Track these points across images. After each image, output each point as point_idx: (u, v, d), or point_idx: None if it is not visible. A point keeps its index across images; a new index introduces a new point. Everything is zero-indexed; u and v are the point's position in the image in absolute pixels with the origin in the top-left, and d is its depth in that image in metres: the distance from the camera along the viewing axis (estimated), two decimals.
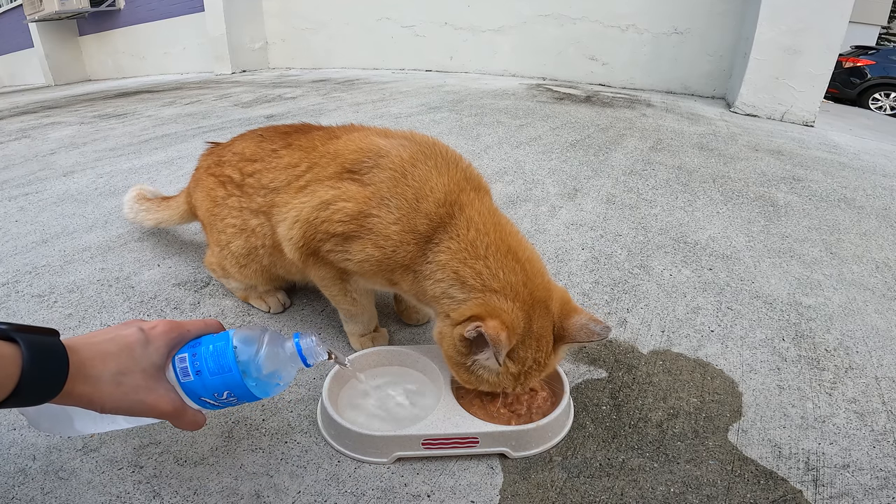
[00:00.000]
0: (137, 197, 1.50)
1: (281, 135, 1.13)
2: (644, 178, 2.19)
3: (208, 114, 3.50)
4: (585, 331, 0.81)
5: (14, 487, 0.79)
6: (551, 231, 1.68)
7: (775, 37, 3.63)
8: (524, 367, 0.82)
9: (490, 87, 4.44)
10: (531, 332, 0.81)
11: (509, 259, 0.83)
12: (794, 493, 0.80)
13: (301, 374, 1.05)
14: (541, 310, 0.82)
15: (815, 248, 1.63)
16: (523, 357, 0.81)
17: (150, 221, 1.46)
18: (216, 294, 1.32)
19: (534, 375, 0.83)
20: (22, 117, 3.83)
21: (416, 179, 0.88)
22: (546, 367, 0.84)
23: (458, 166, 0.94)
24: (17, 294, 1.31)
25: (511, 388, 0.85)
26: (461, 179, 0.91)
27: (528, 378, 0.83)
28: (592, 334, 0.81)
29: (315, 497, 0.79)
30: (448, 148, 0.98)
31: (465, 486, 0.81)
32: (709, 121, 3.47)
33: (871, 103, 8.59)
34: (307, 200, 0.94)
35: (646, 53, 4.83)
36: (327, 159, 0.98)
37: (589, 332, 0.81)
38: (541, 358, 0.82)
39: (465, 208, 0.87)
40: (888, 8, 10.81)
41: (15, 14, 9.57)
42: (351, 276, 0.99)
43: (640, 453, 0.87)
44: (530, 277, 0.82)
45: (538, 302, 0.82)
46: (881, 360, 1.12)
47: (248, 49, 6.62)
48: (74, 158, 2.48)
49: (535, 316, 0.81)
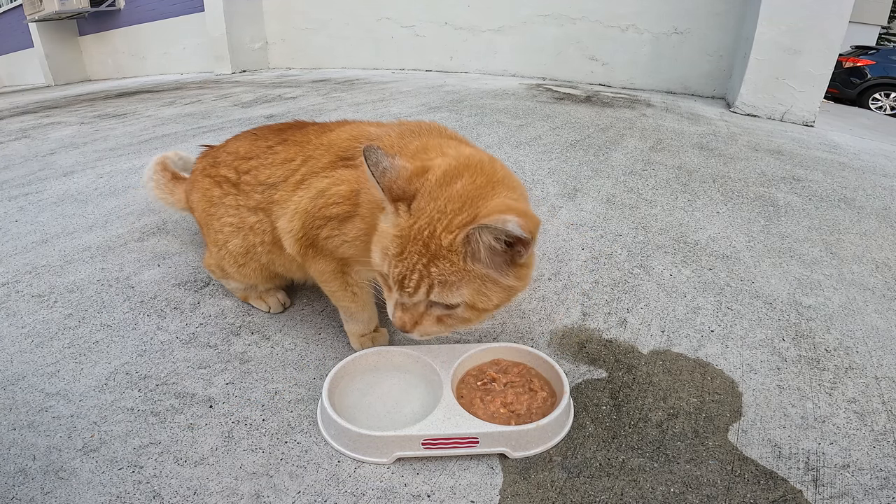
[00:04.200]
0: (160, 164, 1.48)
1: (275, 132, 1.14)
2: (644, 178, 2.18)
3: (208, 114, 3.50)
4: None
5: (14, 487, 0.79)
6: (551, 231, 1.68)
7: (775, 37, 3.62)
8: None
9: (490, 87, 4.44)
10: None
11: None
12: (794, 493, 0.80)
13: (301, 373, 1.05)
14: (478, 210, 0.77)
15: (815, 248, 1.63)
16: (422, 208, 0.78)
17: (156, 195, 1.44)
18: (216, 294, 1.32)
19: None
20: (22, 117, 3.83)
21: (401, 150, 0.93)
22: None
23: (437, 131, 1.01)
24: (17, 294, 1.31)
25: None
26: (436, 136, 0.97)
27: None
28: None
29: (315, 497, 0.79)
30: (434, 122, 1.04)
31: (465, 486, 0.81)
32: (709, 121, 3.47)
33: (871, 103, 8.58)
34: (305, 193, 0.98)
35: (646, 53, 4.82)
36: (321, 150, 1.01)
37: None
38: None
39: (436, 160, 0.85)
40: (888, 8, 10.80)
41: (15, 14, 9.57)
42: (351, 269, 1.00)
43: (640, 453, 0.87)
44: (481, 187, 0.79)
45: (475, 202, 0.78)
46: (881, 360, 1.12)
47: (248, 49, 6.62)
48: (74, 158, 2.48)
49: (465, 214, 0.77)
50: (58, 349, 1.11)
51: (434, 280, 0.77)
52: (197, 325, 1.20)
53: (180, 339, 1.15)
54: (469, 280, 0.77)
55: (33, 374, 1.03)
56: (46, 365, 1.06)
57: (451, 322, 0.83)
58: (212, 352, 1.11)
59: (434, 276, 0.76)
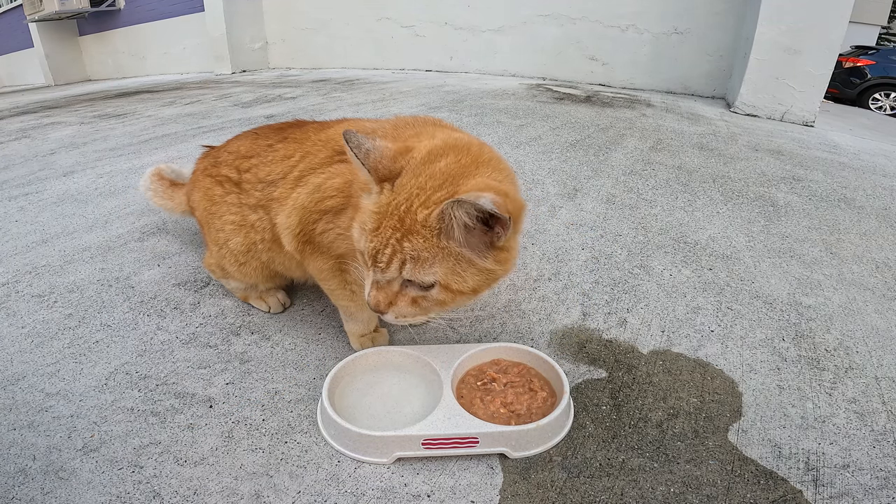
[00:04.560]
0: (155, 174, 1.50)
1: (276, 130, 1.16)
2: (644, 178, 2.18)
3: (208, 114, 3.50)
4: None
5: (14, 487, 0.79)
6: (551, 231, 1.68)
7: (775, 37, 3.62)
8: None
9: (490, 87, 4.44)
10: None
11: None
12: (794, 493, 0.80)
13: (301, 373, 1.05)
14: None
15: (815, 248, 1.63)
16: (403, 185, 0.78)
17: (154, 203, 1.47)
18: (216, 294, 1.32)
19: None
20: (22, 117, 3.83)
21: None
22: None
23: (433, 122, 1.02)
24: (17, 294, 1.31)
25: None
26: (431, 126, 0.98)
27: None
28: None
29: (315, 497, 0.79)
30: (431, 116, 1.06)
31: (465, 486, 0.81)
32: (709, 121, 3.47)
33: (871, 103, 8.57)
34: (303, 189, 0.99)
35: (646, 53, 4.82)
36: (319, 146, 1.03)
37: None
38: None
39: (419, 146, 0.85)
40: (888, 8, 10.79)
41: (15, 14, 9.57)
42: (349, 266, 1.00)
43: (640, 453, 0.87)
44: (465, 166, 0.79)
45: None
46: (881, 360, 1.12)
47: (248, 49, 6.62)
48: (74, 158, 2.48)
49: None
50: (58, 349, 1.11)
51: (407, 255, 0.75)
52: (197, 325, 1.20)
53: (180, 339, 1.15)
54: (443, 258, 0.76)
55: (33, 374, 1.03)
56: (46, 365, 1.06)
57: (425, 304, 0.81)
58: (212, 352, 1.11)
59: (407, 252, 0.75)
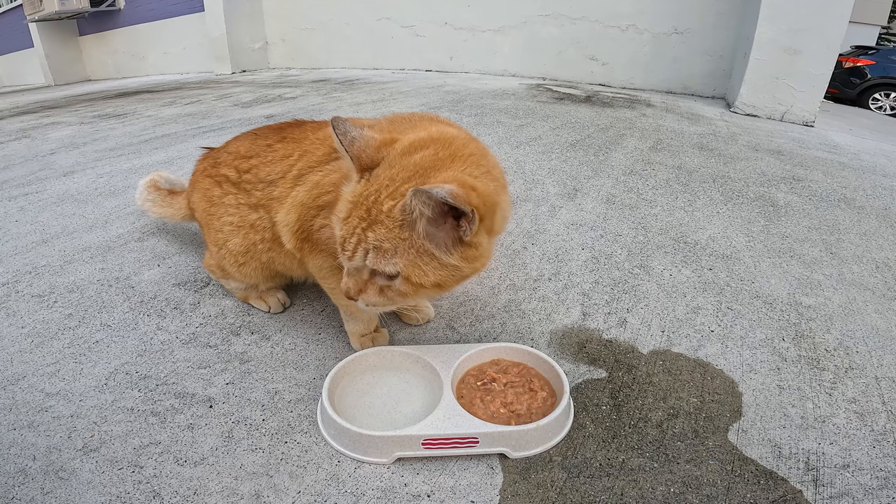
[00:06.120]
0: (150, 185, 1.50)
1: (275, 130, 1.16)
2: (644, 178, 2.18)
3: (208, 114, 3.50)
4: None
5: (14, 487, 0.79)
6: (551, 231, 1.68)
7: (775, 37, 3.62)
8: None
9: (490, 87, 4.44)
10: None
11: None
12: (794, 493, 0.80)
13: (301, 373, 1.05)
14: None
15: (815, 248, 1.63)
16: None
17: (154, 213, 1.47)
18: (216, 294, 1.32)
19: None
20: (22, 117, 3.83)
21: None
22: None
23: (429, 118, 1.03)
24: (17, 294, 1.31)
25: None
26: (427, 121, 0.98)
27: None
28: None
29: (315, 497, 0.79)
30: (430, 113, 1.07)
31: (465, 486, 0.81)
32: (709, 121, 3.47)
33: (871, 103, 8.57)
34: (302, 187, 1.00)
35: (646, 53, 4.82)
36: (317, 144, 1.04)
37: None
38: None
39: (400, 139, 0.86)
40: (888, 8, 10.79)
41: (15, 14, 9.57)
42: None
43: (640, 453, 0.87)
44: (442, 158, 0.80)
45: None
46: (881, 360, 1.12)
47: (248, 49, 6.62)
48: (74, 158, 2.48)
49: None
50: (58, 349, 1.11)
51: (370, 245, 0.76)
52: (197, 325, 1.20)
53: (180, 339, 1.15)
54: (404, 250, 0.76)
55: (33, 374, 1.03)
56: (46, 365, 1.06)
57: (391, 294, 0.81)
58: (212, 352, 1.11)
59: (370, 241, 0.76)
